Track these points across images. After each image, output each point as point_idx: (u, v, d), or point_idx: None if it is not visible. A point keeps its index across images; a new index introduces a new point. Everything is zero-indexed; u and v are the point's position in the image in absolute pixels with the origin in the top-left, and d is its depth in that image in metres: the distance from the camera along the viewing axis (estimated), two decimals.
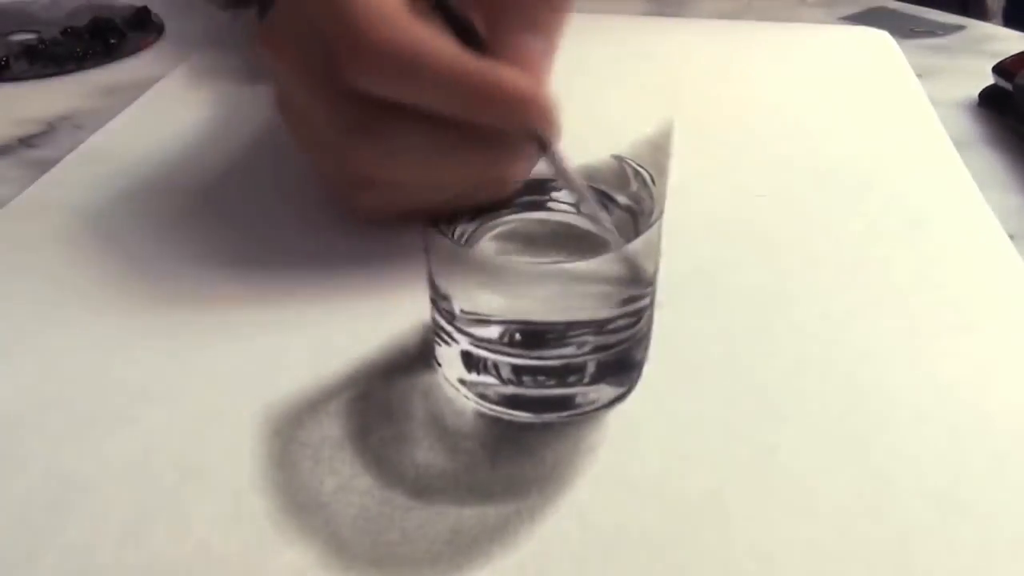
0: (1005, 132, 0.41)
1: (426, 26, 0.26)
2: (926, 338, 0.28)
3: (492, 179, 0.27)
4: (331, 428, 0.24)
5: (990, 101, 0.44)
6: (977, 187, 0.35)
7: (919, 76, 0.46)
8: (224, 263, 0.31)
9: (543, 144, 0.25)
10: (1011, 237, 0.32)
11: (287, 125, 0.32)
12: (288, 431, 0.24)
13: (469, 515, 0.22)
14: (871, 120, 0.41)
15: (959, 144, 0.39)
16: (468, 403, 0.25)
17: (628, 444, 0.24)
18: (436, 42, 0.25)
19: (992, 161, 0.39)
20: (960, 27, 0.55)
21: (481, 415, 0.25)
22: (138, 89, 0.44)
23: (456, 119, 0.26)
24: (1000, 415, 0.25)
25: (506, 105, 0.25)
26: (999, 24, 0.60)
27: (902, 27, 0.54)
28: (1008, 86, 0.42)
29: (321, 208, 0.34)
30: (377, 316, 0.28)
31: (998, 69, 0.44)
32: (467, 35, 0.26)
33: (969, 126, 0.42)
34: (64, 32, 0.50)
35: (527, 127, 0.25)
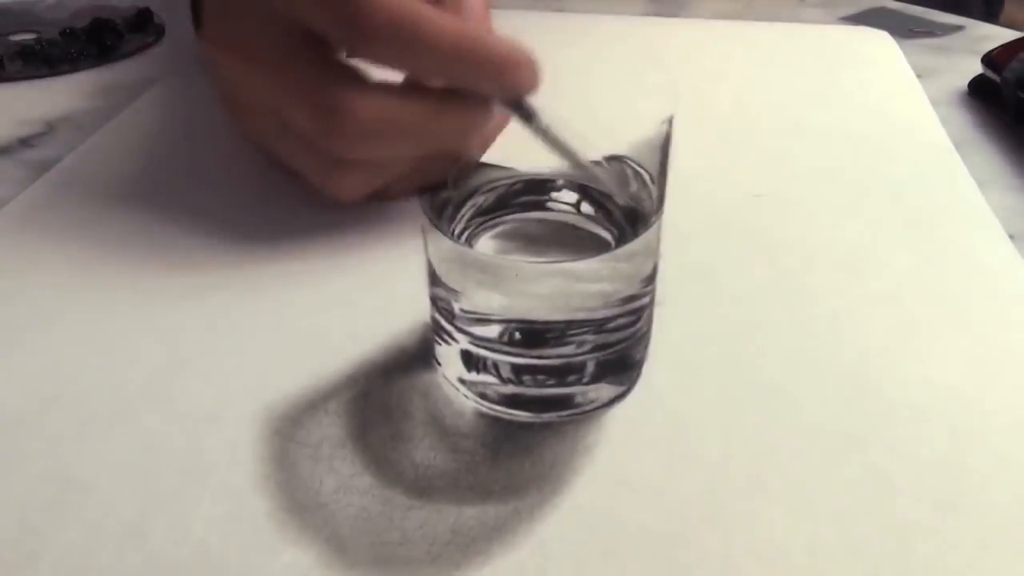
0: (998, 123, 0.41)
1: None
2: (926, 338, 0.28)
3: (459, 146, 0.28)
4: (331, 428, 0.24)
5: (979, 91, 0.44)
6: (977, 187, 0.35)
7: (919, 76, 0.46)
8: (223, 263, 0.31)
9: (523, 108, 0.26)
10: (1011, 237, 0.32)
11: (245, 124, 0.33)
12: (288, 431, 0.24)
13: (469, 515, 0.22)
14: (871, 120, 0.41)
15: (959, 144, 0.39)
16: (468, 402, 0.25)
17: (628, 444, 0.24)
18: (428, 6, 0.26)
19: (992, 161, 0.39)
20: (959, 27, 0.55)
21: (481, 415, 0.25)
22: (138, 89, 0.44)
23: (441, 85, 0.27)
24: (999, 415, 0.25)
25: (498, 69, 0.26)
26: None
27: (902, 27, 0.54)
28: (996, 78, 0.42)
29: (321, 208, 0.34)
30: (376, 315, 0.28)
31: (987, 60, 0.44)
32: None
33: (969, 126, 0.42)
34: (62, 33, 0.50)
35: (512, 90, 0.26)
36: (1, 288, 0.30)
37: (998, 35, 0.53)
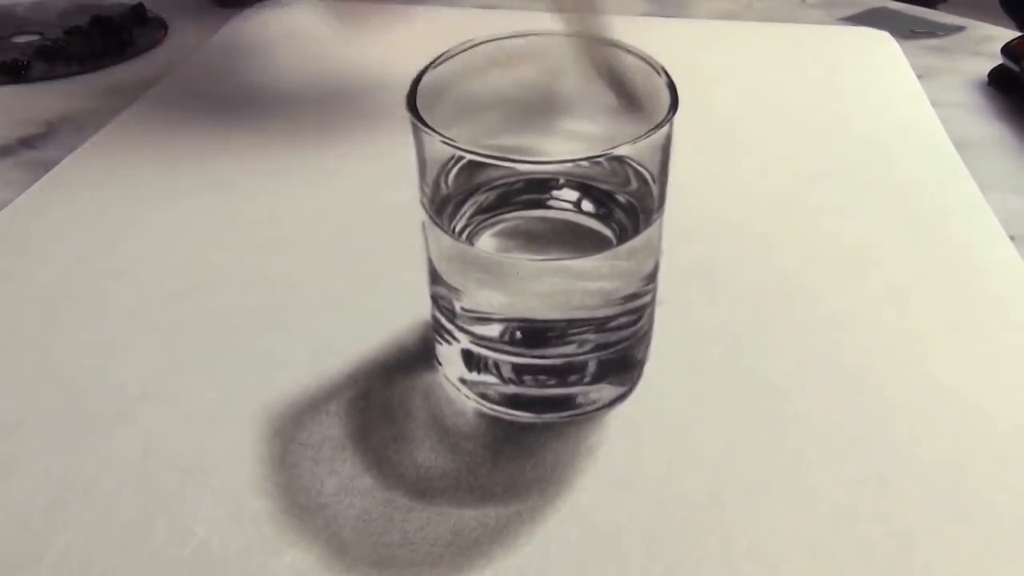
0: (1012, 115, 0.42)
1: None
2: (926, 338, 0.28)
3: None
4: (331, 428, 0.24)
5: (998, 81, 0.45)
6: (977, 188, 0.35)
7: (920, 77, 0.46)
8: (223, 263, 0.31)
9: None
10: (1012, 239, 0.32)
11: None
12: (288, 432, 0.24)
13: (470, 516, 0.22)
14: (871, 120, 0.41)
15: (960, 145, 0.39)
16: (469, 403, 0.25)
17: (629, 445, 0.24)
18: None
19: (994, 163, 0.39)
20: (960, 28, 0.55)
21: (482, 415, 0.25)
22: (137, 90, 0.44)
23: None
24: (1000, 415, 0.25)
25: None
26: None
27: (902, 28, 0.54)
28: (1016, 68, 0.43)
29: (321, 208, 0.34)
30: (377, 315, 0.28)
31: (1007, 50, 0.44)
32: None
33: (971, 128, 0.42)
34: (69, 32, 0.50)
35: None
36: (1, 288, 0.30)
37: (1000, 35, 0.53)
